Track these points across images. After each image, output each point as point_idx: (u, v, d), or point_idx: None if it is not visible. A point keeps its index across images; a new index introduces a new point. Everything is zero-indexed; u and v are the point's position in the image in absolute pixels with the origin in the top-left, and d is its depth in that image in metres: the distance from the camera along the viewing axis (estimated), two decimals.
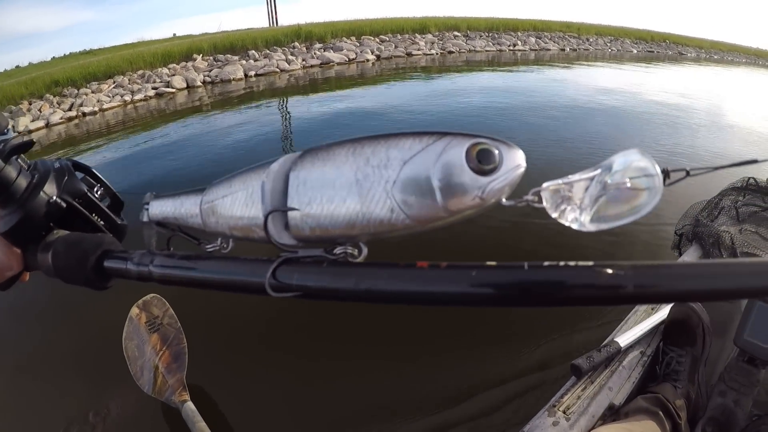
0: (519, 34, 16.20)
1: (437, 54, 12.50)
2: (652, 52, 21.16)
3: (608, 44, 19.24)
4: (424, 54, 12.27)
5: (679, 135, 5.46)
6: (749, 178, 2.13)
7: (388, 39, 13.45)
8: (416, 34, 13.77)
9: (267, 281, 0.21)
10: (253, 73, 10.77)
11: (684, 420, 0.92)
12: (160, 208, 0.29)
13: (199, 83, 9.82)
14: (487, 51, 13.46)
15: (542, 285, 0.17)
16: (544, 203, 0.19)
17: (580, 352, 1.05)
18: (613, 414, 0.94)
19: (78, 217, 0.37)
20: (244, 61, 11.78)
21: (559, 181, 0.19)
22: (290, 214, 0.21)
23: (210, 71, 10.81)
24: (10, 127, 0.34)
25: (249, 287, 0.23)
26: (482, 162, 0.18)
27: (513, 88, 8.07)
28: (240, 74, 10.56)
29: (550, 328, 1.80)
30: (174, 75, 10.32)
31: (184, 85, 9.67)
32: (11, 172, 0.33)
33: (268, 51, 13.46)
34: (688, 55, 22.59)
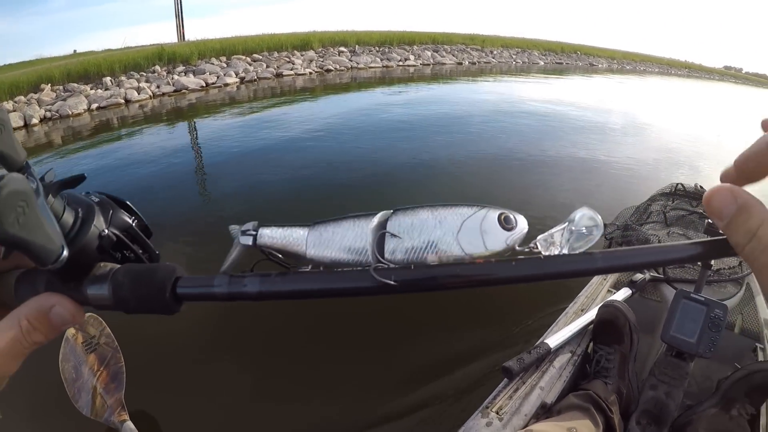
0: (415, 47, 14.95)
1: (312, 73, 10.75)
2: (561, 63, 21.04)
3: (514, 56, 18.67)
4: (297, 74, 10.48)
5: (597, 141, 5.61)
6: (677, 184, 2.39)
7: (261, 58, 11.58)
8: (295, 51, 12.00)
9: (372, 269, 0.28)
10: (95, 106, 8.68)
11: (616, 414, 0.98)
12: (269, 234, 0.33)
13: (36, 120, 7.64)
14: (371, 68, 11.93)
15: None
16: (540, 248, 0.29)
17: (511, 355, 1.10)
18: (546, 412, 1.00)
19: (123, 250, 0.37)
20: (93, 91, 9.58)
21: (546, 234, 0.29)
22: (387, 244, 0.29)
23: (53, 104, 8.56)
24: (27, 160, 0.31)
25: (356, 290, 0.29)
26: (507, 223, 0.29)
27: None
28: (82, 107, 8.49)
29: (482, 334, 1.89)
30: (13, 111, 8.00)
31: (21, 123, 7.52)
32: (58, 207, 0.33)
33: (123, 78, 11.24)
34: (600, 66, 22.97)
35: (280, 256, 0.32)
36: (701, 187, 2.44)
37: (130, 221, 0.37)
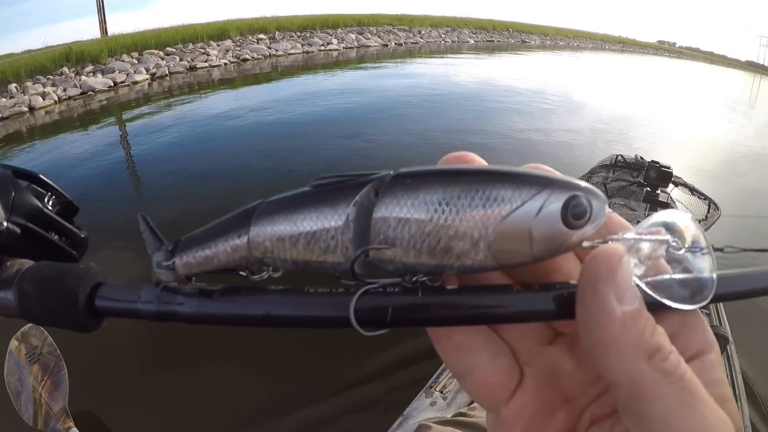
0: (339, 31, 14.80)
1: (228, 64, 10.48)
2: (492, 41, 21.38)
3: (443, 36, 18.81)
4: (211, 66, 10.19)
5: (534, 117, 5.61)
6: (617, 156, 2.36)
7: (175, 51, 11.14)
8: (211, 42, 11.61)
9: (351, 314, 0.20)
10: None
11: None
12: (190, 261, 0.23)
13: None
14: (291, 55, 11.75)
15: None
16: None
17: None
18: None
19: (36, 243, 0.29)
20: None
21: (633, 236, 0.20)
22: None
23: None
24: None
25: (331, 322, 0.21)
26: (575, 217, 0.18)
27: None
28: None
29: None
30: None
31: None
32: None
33: (29, 83, 10.52)
34: (532, 42, 23.46)
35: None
36: (641, 157, 2.48)
37: (41, 203, 0.30)
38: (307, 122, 5.71)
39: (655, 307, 0.19)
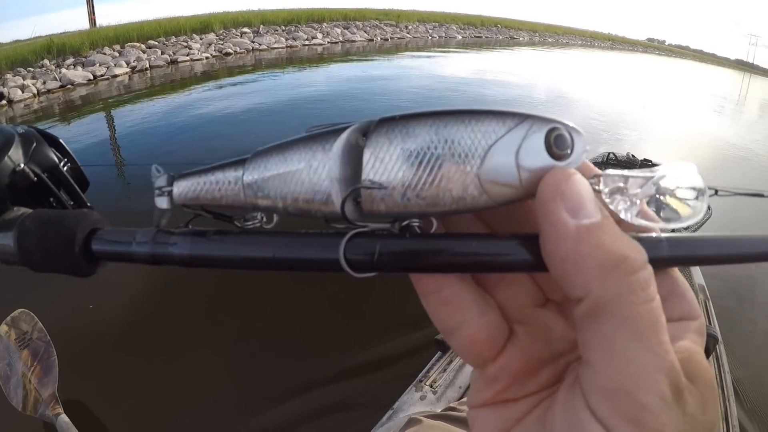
0: (324, 25, 14.75)
1: (210, 58, 10.44)
2: (481, 37, 21.35)
3: (430, 31, 18.79)
4: (193, 60, 10.13)
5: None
6: (609, 153, 2.44)
7: (157, 44, 11.05)
8: (194, 35, 11.54)
9: (342, 255, 0.20)
10: None
11: None
12: (188, 188, 0.23)
13: None
14: (274, 49, 11.71)
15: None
16: (602, 187, 0.20)
17: None
18: None
19: (43, 195, 0.31)
20: None
21: (616, 173, 0.20)
22: (364, 195, 0.20)
23: None
24: None
25: (321, 264, 0.21)
26: (558, 148, 0.19)
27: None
28: None
29: (413, 306, 0.60)
30: None
31: None
32: None
33: (10, 75, 10.39)
34: (521, 39, 23.42)
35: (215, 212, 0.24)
36: (633, 155, 2.50)
37: (59, 162, 0.32)
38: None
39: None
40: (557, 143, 0.19)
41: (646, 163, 2.08)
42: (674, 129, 7.71)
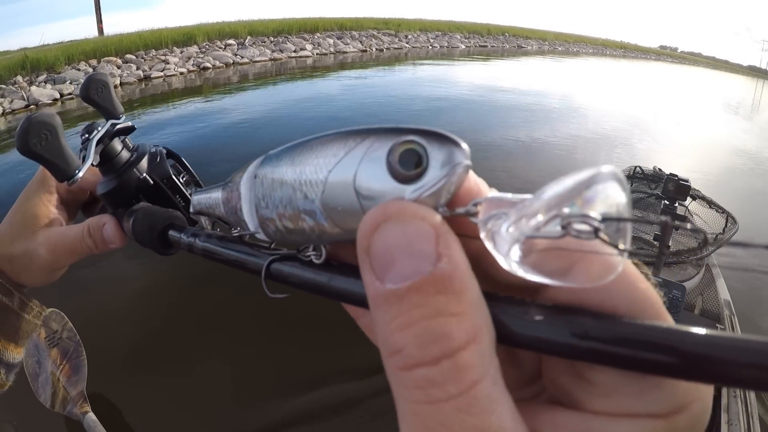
0: (316, 35, 13.90)
1: (186, 73, 9.64)
2: (486, 46, 20.44)
3: (432, 41, 17.87)
4: (167, 76, 9.33)
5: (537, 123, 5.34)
6: (636, 167, 2.43)
7: (134, 58, 10.32)
8: (174, 48, 10.77)
9: (263, 279, 0.22)
10: None
11: None
12: (198, 201, 0.29)
13: None
14: (257, 62, 10.86)
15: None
16: (481, 218, 0.15)
17: None
18: None
19: (161, 196, 0.41)
20: None
21: (503, 196, 0.15)
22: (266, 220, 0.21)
23: None
24: (123, 113, 0.42)
25: (250, 268, 0.24)
26: (404, 167, 0.15)
27: None
28: None
29: None
30: None
31: None
32: (116, 147, 0.40)
33: None
34: (529, 48, 22.46)
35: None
36: (660, 169, 2.50)
37: (173, 173, 0.41)
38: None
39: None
40: (402, 161, 0.15)
41: (672, 178, 1.95)
42: (700, 141, 7.20)
